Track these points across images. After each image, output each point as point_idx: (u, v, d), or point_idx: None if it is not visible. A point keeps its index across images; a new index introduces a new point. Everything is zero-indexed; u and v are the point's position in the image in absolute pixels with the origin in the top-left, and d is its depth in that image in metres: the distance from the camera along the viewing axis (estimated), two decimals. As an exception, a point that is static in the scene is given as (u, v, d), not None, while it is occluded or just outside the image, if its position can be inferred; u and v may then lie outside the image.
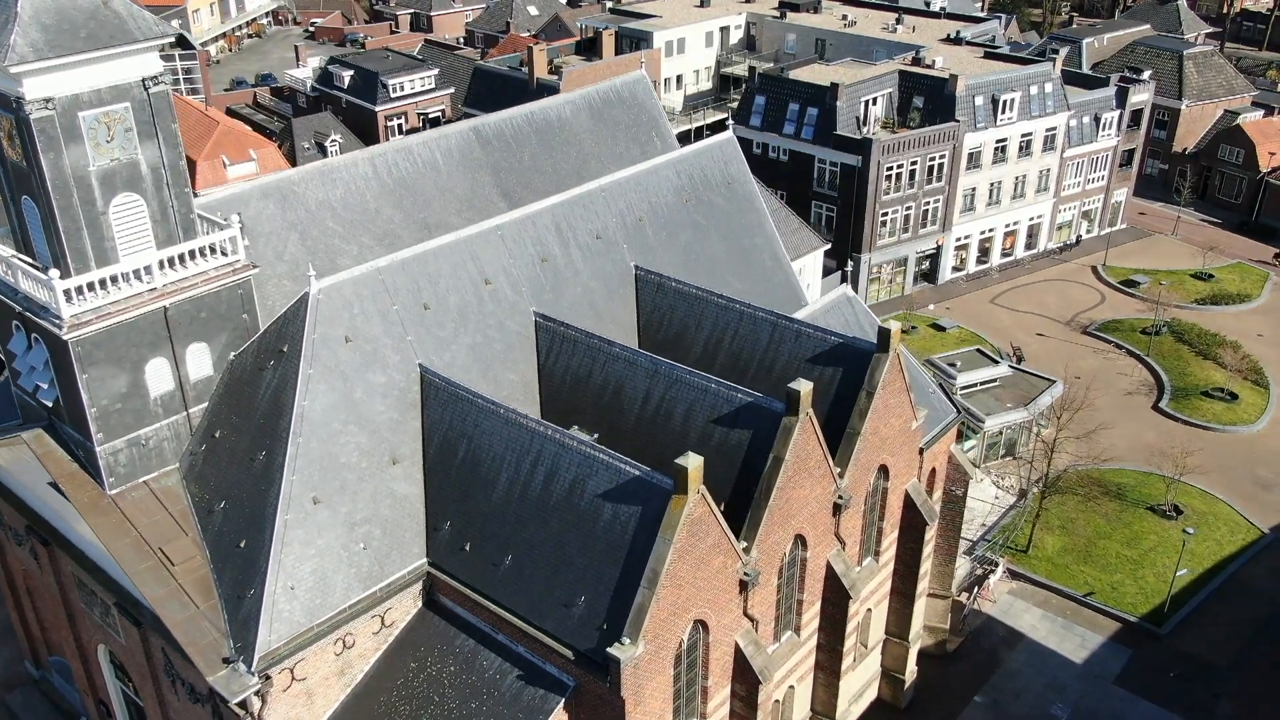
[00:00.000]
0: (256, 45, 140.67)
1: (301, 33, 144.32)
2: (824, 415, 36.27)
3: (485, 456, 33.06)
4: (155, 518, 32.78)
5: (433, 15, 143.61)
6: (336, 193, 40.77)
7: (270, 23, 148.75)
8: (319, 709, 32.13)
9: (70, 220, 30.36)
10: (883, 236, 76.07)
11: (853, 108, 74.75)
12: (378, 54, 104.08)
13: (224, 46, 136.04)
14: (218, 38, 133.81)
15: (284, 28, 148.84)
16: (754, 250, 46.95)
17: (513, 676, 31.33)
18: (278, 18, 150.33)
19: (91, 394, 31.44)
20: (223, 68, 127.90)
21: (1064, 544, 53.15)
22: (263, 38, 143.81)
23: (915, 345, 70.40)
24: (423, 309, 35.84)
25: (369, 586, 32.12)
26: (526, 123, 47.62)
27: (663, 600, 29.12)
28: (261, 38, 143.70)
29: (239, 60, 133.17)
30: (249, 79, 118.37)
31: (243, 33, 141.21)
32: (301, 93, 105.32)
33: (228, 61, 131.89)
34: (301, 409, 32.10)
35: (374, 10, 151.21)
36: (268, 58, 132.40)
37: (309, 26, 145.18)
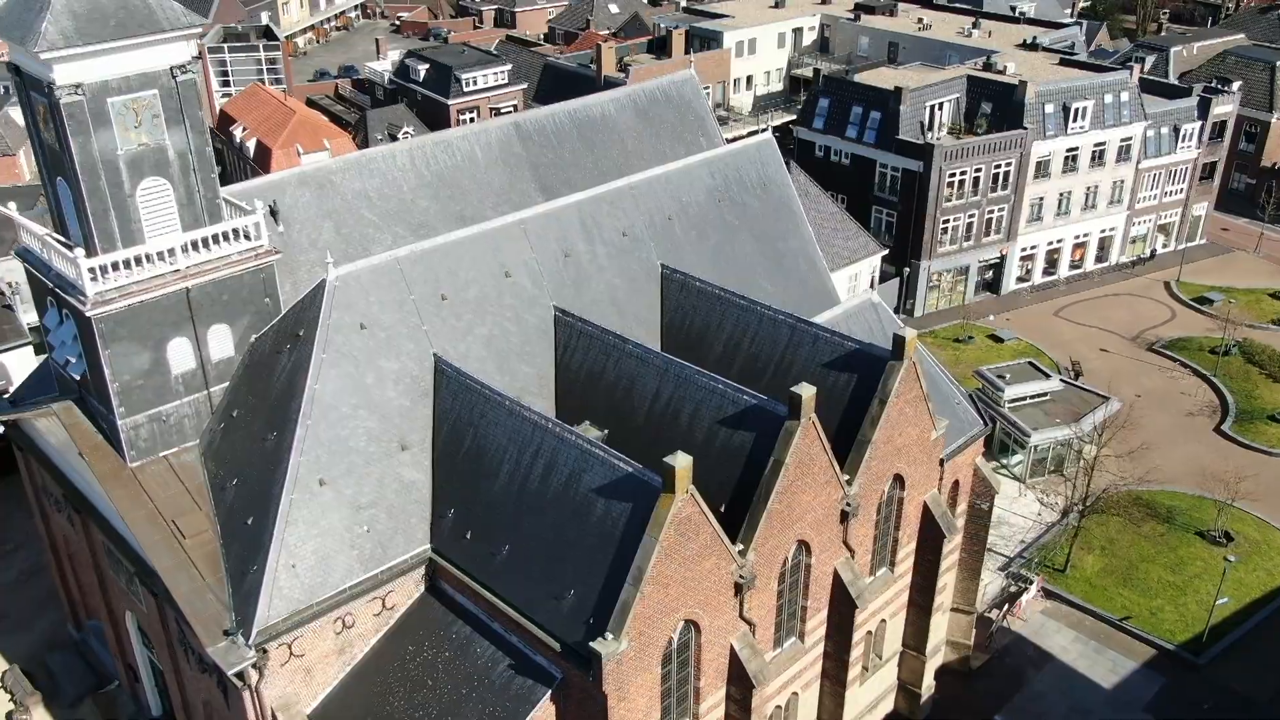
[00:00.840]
0: (344, 38, 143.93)
1: (388, 26, 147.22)
2: (837, 421, 36.00)
3: (489, 447, 33.48)
4: (172, 491, 33.90)
5: (516, 11, 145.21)
6: (373, 183, 41.58)
7: (359, 16, 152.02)
8: (317, 686, 32.89)
9: (98, 202, 31.56)
10: (943, 244, 74.77)
11: (917, 112, 73.61)
12: (454, 49, 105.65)
13: (312, 38, 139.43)
14: (306, 30, 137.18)
15: (371, 21, 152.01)
16: (788, 253, 46.61)
17: (504, 665, 31.69)
18: (366, 11, 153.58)
19: (114, 369, 32.64)
20: (309, 59, 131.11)
21: (1104, 565, 51.70)
22: (350, 30, 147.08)
23: (970, 356, 69.21)
24: (440, 299, 36.40)
25: (370, 569, 32.77)
26: (569, 119, 47.98)
27: (648, 598, 29.16)
28: (349, 30, 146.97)
29: (326, 52, 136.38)
30: (332, 70, 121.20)
31: (331, 25, 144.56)
32: (379, 85, 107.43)
33: (315, 53, 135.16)
34: (313, 392, 32.89)
35: (459, 5, 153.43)
36: (353, 50, 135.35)
37: (395, 20, 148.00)
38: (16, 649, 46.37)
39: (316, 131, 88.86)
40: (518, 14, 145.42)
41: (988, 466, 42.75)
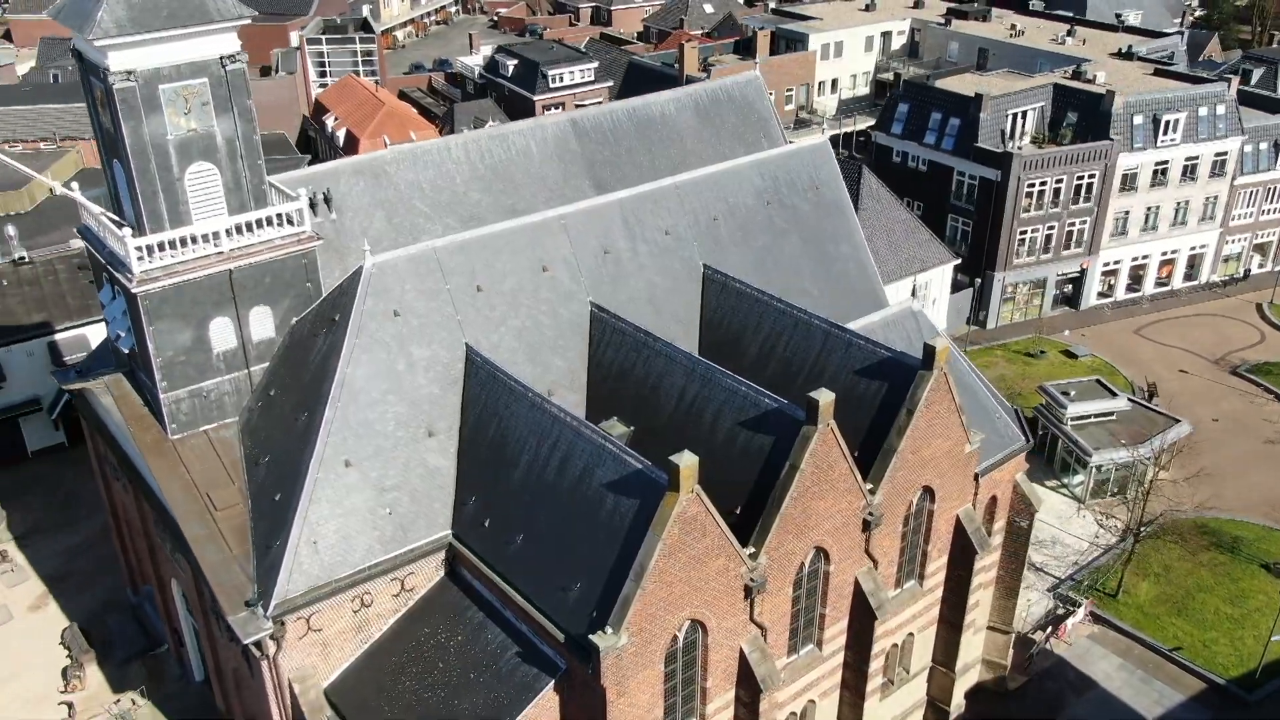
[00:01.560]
0: (442, 32, 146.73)
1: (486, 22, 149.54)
2: (865, 429, 35.64)
3: (511, 437, 33.99)
4: (208, 464, 35.22)
5: (612, 9, 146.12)
6: (427, 174, 42.45)
7: (459, 11, 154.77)
8: (334, 661, 33.81)
9: (147, 184, 32.96)
10: (1020, 255, 73.04)
11: (998, 120, 72.04)
12: (543, 45, 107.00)
13: (411, 32, 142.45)
14: (406, 23, 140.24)
15: (470, 16, 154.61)
16: (838, 258, 46.16)
17: (512, 653, 32.15)
18: (466, 7, 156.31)
19: (157, 345, 34.06)
20: (407, 52, 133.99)
21: (1158, 593, 50.01)
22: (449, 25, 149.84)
23: (1040, 371, 67.54)
24: (475, 290, 37.05)
25: (389, 550, 33.56)
26: (627, 117, 48.27)
27: (649, 595, 29.29)
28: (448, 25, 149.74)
29: (424, 46, 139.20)
30: (427, 64, 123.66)
31: (430, 20, 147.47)
32: (470, 79, 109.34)
33: (413, 46, 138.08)
34: (343, 376, 33.82)
35: (557, 2, 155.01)
36: (450, 44, 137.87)
37: (493, 16, 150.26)
38: (77, 608, 48.60)
39: (404, 123, 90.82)
40: (614, 12, 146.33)
41: (1029, 483, 41.73)
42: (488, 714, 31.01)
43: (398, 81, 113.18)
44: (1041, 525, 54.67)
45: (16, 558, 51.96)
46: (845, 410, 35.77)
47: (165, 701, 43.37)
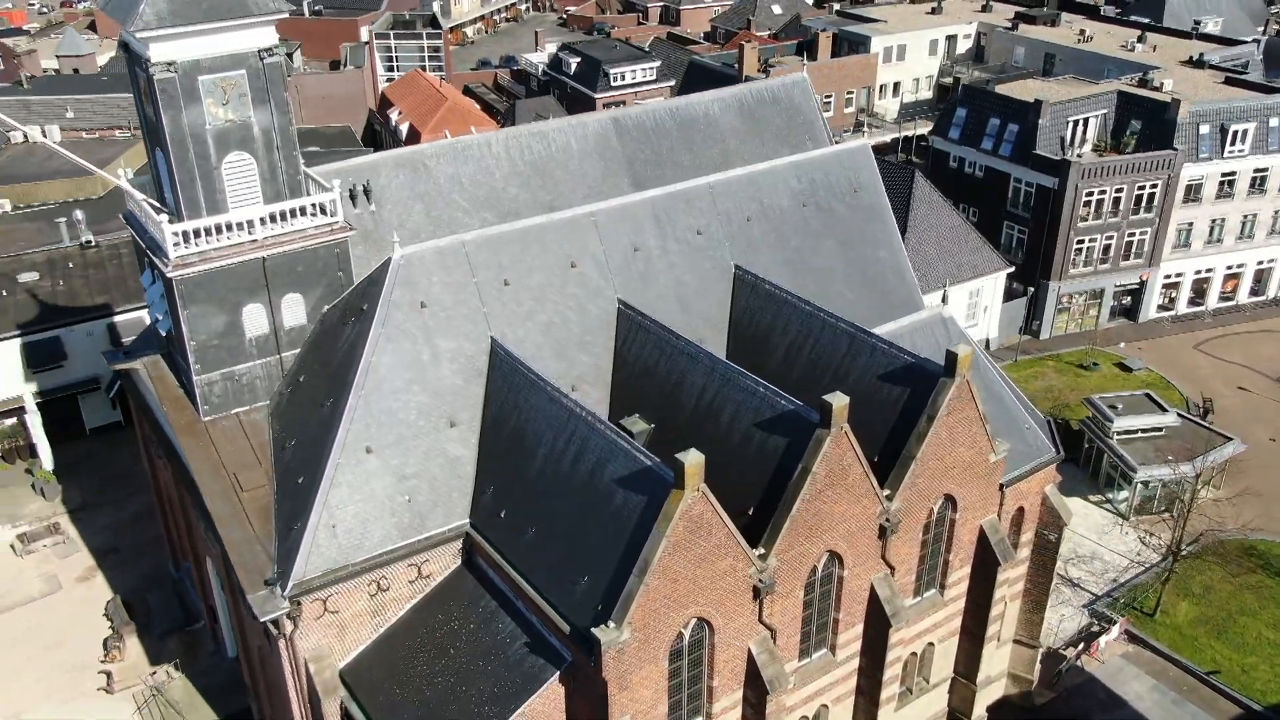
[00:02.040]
0: (512, 29, 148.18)
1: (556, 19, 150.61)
2: (885, 435, 35.42)
3: (529, 430, 34.40)
4: (238, 446, 36.20)
5: (681, 9, 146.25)
6: (466, 169, 43.03)
7: (529, 9, 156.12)
8: (350, 643, 34.51)
9: (185, 172, 33.99)
10: (1076, 265, 71.63)
11: (1057, 127, 70.75)
12: (606, 43, 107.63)
13: (481, 28, 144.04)
14: (475, 20, 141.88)
15: (540, 14, 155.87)
16: (875, 262, 45.81)
17: (521, 643, 32.55)
18: (536, 4, 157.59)
19: (192, 329, 35.11)
20: (476, 48, 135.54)
21: (1198, 614, 48.80)
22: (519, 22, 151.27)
23: (1091, 383, 66.22)
24: (503, 284, 37.53)
25: (406, 537, 34.16)
26: (669, 116, 48.39)
27: (653, 590, 29.47)
28: (518, 22, 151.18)
29: (493, 42, 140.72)
30: (494, 60, 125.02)
31: (500, 16, 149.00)
32: (534, 76, 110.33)
33: (482, 43, 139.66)
34: (368, 364, 34.51)
35: (627, 1, 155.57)
36: (519, 41, 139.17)
37: (563, 14, 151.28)
38: (122, 582, 50.22)
39: (465, 119, 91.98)
40: (682, 11, 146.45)
41: (1058, 495, 41.03)
42: (493, 702, 31.45)
43: (463, 77, 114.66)
44: (1082, 540, 53.81)
45: (69, 530, 53.84)
46: (867, 415, 35.72)
47: (198, 676, 44.62)
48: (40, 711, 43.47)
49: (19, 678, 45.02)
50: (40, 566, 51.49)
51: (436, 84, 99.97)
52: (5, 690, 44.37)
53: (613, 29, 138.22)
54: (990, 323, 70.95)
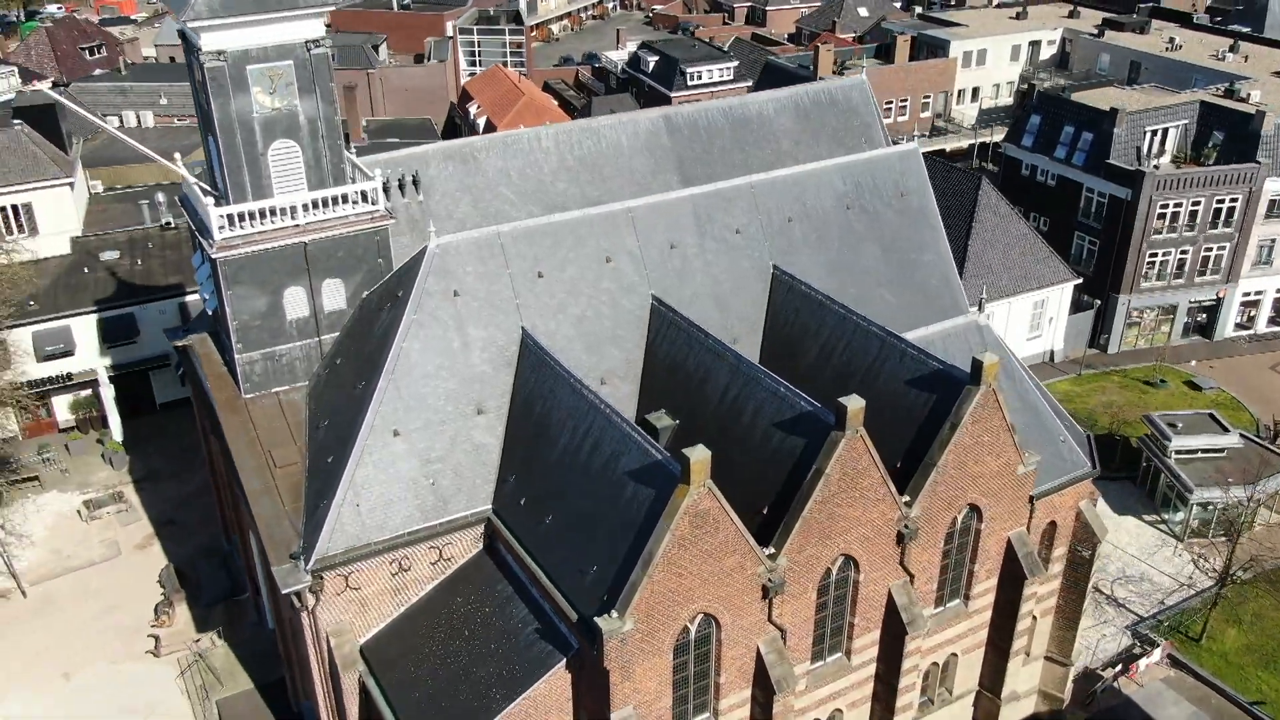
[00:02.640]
0: (598, 27, 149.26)
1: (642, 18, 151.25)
2: (910, 441, 35.17)
3: (552, 420, 34.94)
4: (275, 424, 37.45)
5: (767, 9, 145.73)
6: (515, 163, 43.75)
7: (616, 6, 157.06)
8: (371, 619, 35.47)
9: (233, 157, 35.29)
10: (1148, 279, 69.75)
11: (1134, 136, 68.96)
12: (685, 42, 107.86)
13: (567, 26, 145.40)
14: (562, 17, 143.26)
15: (627, 12, 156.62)
16: (920, 267, 45.35)
17: (532, 628, 33.12)
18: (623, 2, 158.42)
19: (234, 309, 36.43)
20: (560, 45, 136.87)
21: (1247, 642, 47.28)
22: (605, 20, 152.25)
23: (1157, 401, 64.42)
24: (537, 276, 38.13)
25: (428, 520, 34.97)
26: (722, 116, 48.48)
27: (657, 583, 29.75)
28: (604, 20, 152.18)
29: (577, 39, 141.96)
30: (576, 57, 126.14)
31: (587, 14, 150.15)
32: (613, 74, 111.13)
33: (567, 40, 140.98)
34: (399, 350, 35.41)
35: (714, 1, 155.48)
36: (603, 39, 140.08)
37: (649, 12, 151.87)
38: (177, 551, 52.19)
39: (541, 114, 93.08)
40: (769, 12, 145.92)
41: (1093, 511, 40.16)
42: (501, 684, 32.08)
43: (544, 73, 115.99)
44: (1132, 560, 52.58)
45: (132, 499, 56.11)
46: (893, 420, 35.58)
47: (239, 645, 46.19)
48: (90, 670, 45.49)
49: (74, 637, 47.14)
50: (103, 532, 53.78)
51: (516, 79, 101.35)
52: (60, 648, 46.50)
53: (697, 28, 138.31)
54: (1055, 335, 69.55)
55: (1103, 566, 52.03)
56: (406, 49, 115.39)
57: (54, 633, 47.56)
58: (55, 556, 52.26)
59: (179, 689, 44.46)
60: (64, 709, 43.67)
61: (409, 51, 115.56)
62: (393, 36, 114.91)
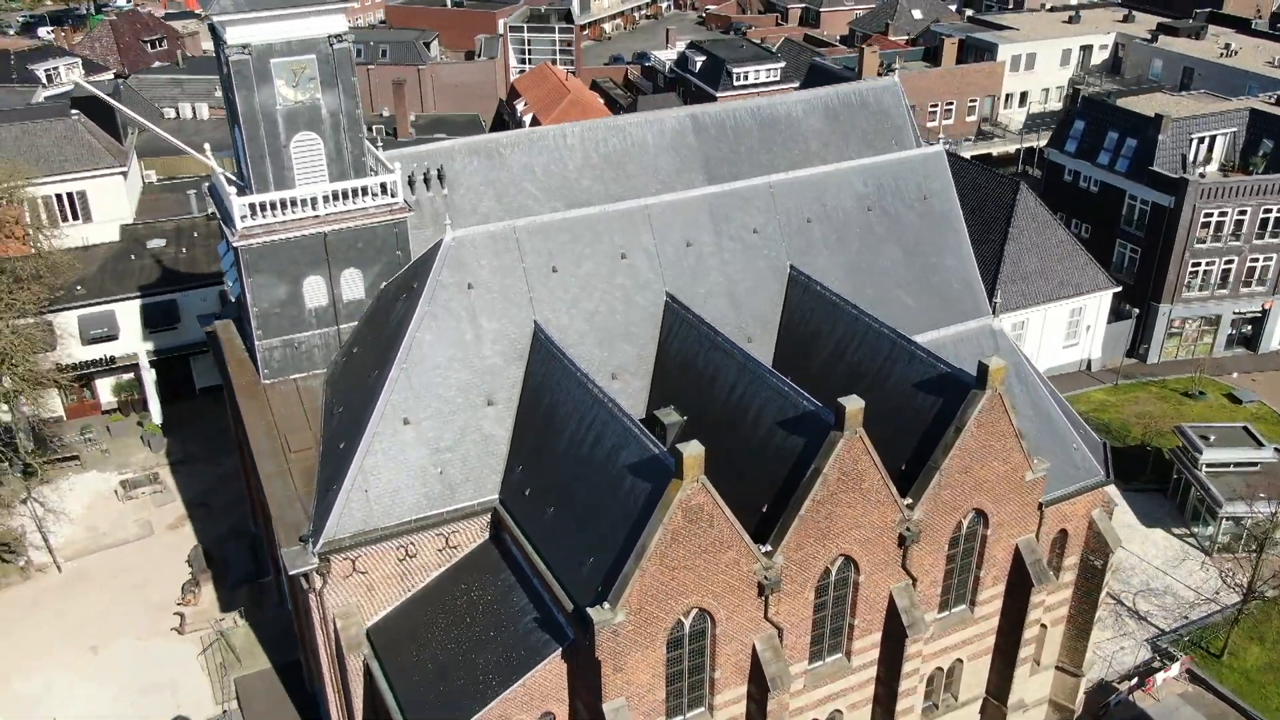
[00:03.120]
0: (651, 26, 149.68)
1: (695, 18, 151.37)
2: (915, 443, 35.09)
3: (558, 413, 35.40)
4: (292, 409, 38.35)
5: (821, 11, 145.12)
6: (540, 159, 44.29)
7: (670, 6, 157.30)
8: (378, 603, 36.18)
9: (256, 149, 36.24)
10: (1191, 288, 68.51)
11: (1179, 144, 67.78)
12: (733, 43, 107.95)
13: (620, 25, 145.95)
14: (615, 16, 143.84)
15: (681, 12, 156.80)
16: (940, 270, 45.12)
17: (531, 617, 33.58)
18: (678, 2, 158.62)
19: (255, 296, 37.39)
20: (613, 44, 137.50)
21: (1270, 660, 46.39)
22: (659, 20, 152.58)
23: (1194, 413, 63.22)
24: (551, 271, 38.61)
25: (435, 507, 35.60)
26: (750, 116, 48.63)
27: (649, 576, 30.05)
28: (658, 20, 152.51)
29: (630, 38, 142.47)
30: (627, 56, 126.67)
31: (641, 14, 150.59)
32: (661, 73, 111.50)
33: (619, 39, 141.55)
34: (412, 339, 36.08)
35: (768, 2, 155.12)
36: (656, 38, 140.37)
37: (703, 12, 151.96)
38: (208, 533, 53.52)
39: (586, 112, 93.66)
40: (823, 13, 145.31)
41: (1107, 520, 39.69)
42: (498, 671, 32.58)
43: (593, 71, 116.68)
44: (1157, 574, 51.84)
45: (167, 480, 57.63)
46: (900, 422, 35.57)
47: (260, 625, 47.27)
48: (117, 644, 46.87)
49: (104, 613, 48.59)
50: (138, 512, 55.31)
51: (563, 77, 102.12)
52: (90, 623, 47.97)
53: (749, 29, 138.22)
54: (1093, 343, 68.61)
55: (1126, 579, 51.48)
56: (459, 46, 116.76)
57: (85, 607, 49.06)
58: (91, 534, 53.86)
59: (200, 666, 45.68)
60: (89, 682, 45.05)
61: (461, 48, 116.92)
62: (446, 33, 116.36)
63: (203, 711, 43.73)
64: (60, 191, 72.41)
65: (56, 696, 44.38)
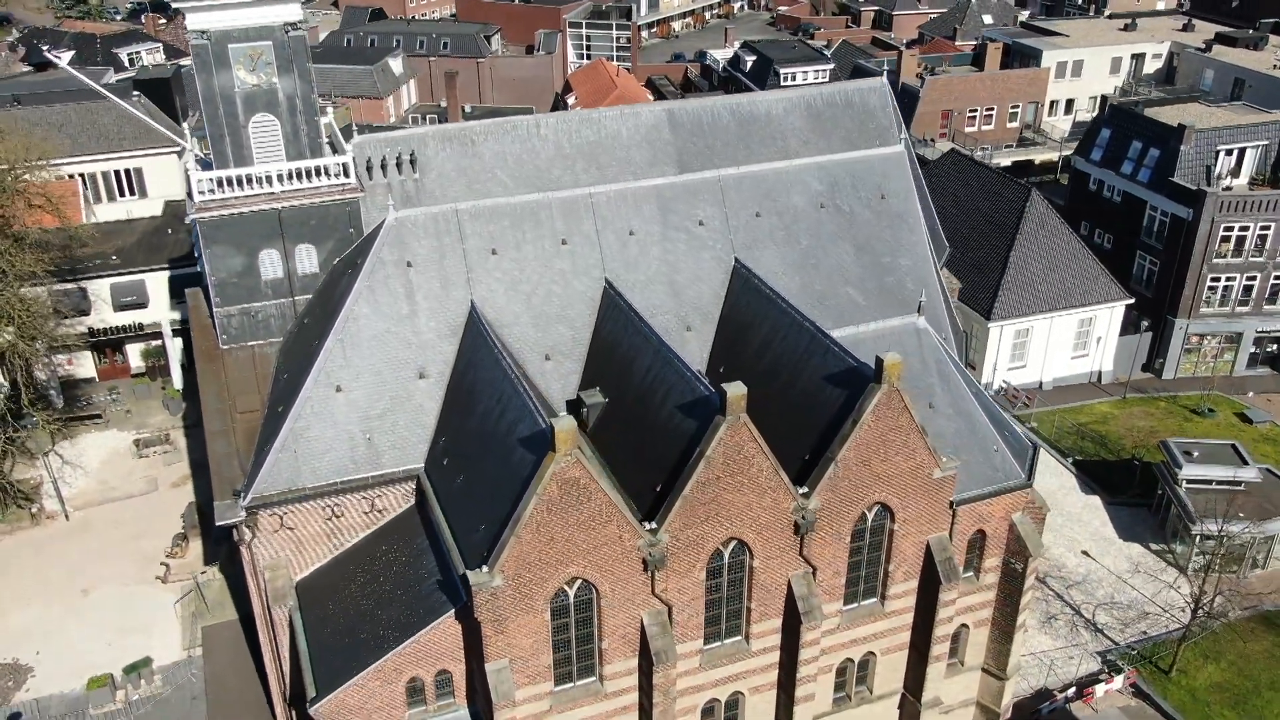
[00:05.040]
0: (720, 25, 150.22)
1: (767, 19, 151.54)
2: (818, 435, 35.80)
3: (477, 387, 37.11)
4: (245, 374, 40.81)
5: (894, 14, 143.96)
6: (513, 148, 45.72)
7: (743, 6, 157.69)
8: (307, 559, 38.34)
9: (216, 128, 38.72)
10: (1209, 304, 66.95)
11: (1202, 155, 66.28)
12: (785, 44, 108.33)
13: (690, 24, 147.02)
14: (685, 14, 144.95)
15: (755, 12, 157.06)
16: (895, 269, 45.46)
17: (435, 579, 35.33)
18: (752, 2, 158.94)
19: (212, 266, 39.91)
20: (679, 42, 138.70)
21: (1221, 680, 45.58)
22: (730, 20, 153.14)
23: (1198, 430, 61.90)
24: (490, 253, 40.31)
25: (360, 472, 37.58)
26: (728, 112, 49.21)
27: (525, 544, 31.50)
28: (729, 20, 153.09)
29: (697, 37, 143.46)
30: (689, 55, 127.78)
31: (712, 13, 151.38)
32: (716, 72, 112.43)
33: (687, 37, 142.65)
34: (349, 311, 38.17)
35: (841, 3, 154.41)
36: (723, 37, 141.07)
37: (775, 13, 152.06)
38: (206, 491, 56.28)
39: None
40: (895, 16, 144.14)
41: (1029, 523, 39.64)
42: (397, 628, 34.42)
43: (649, 69, 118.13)
44: (1123, 586, 51.24)
45: (178, 441, 61.10)
46: (809, 413, 36.37)
47: (234, 579, 50.04)
48: (106, 588, 50.20)
49: (100, 559, 52.01)
50: (147, 469, 58.84)
51: (614, 73, 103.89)
52: (86, 567, 51.41)
53: (818, 30, 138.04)
54: (1104, 355, 67.60)
55: (1091, 590, 51.08)
56: (522, 40, 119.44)
57: (84, 553, 52.55)
58: (102, 487, 57.53)
59: (175, 613, 48.64)
60: (74, 619, 48.41)
61: (523, 43, 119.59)
62: (510, 28, 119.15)
63: (170, 655, 46.67)
64: (118, 168, 77.14)
65: (45, 631, 47.82)
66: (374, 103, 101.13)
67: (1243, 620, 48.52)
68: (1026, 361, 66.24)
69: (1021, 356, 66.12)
